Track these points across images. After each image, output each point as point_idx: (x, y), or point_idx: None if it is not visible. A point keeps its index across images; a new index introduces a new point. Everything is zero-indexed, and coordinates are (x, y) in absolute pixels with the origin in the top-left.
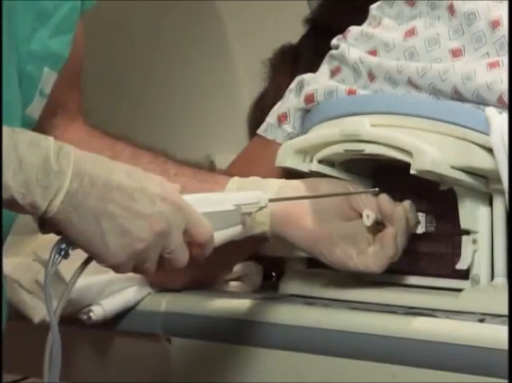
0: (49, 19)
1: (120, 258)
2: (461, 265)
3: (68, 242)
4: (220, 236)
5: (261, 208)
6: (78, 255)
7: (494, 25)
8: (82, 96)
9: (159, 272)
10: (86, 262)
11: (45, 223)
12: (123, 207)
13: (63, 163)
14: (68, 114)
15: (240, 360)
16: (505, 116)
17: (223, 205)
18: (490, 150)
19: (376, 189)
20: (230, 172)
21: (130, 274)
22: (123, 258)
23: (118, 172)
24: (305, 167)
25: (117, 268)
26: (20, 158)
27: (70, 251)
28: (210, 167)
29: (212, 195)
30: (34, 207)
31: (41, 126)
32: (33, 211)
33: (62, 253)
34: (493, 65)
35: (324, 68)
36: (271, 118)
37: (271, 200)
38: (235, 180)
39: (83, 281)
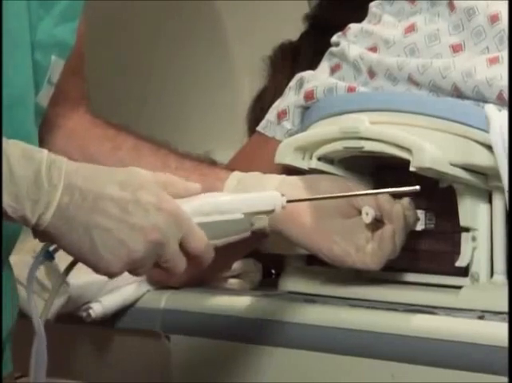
0: (53, 7)
1: (114, 268)
2: (460, 262)
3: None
4: (224, 242)
5: (271, 212)
6: None
7: (493, 19)
8: (86, 86)
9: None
10: (70, 267)
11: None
12: (117, 219)
13: (54, 177)
14: (71, 102)
15: (239, 357)
16: (504, 113)
17: (232, 213)
18: (489, 147)
19: (417, 187)
20: (230, 168)
21: None
22: (116, 268)
23: (111, 184)
24: (304, 164)
25: (110, 276)
26: (11, 170)
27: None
28: (212, 162)
29: (222, 201)
30: (25, 219)
31: (45, 114)
32: (24, 224)
33: (48, 255)
34: (493, 61)
35: (324, 65)
36: (271, 115)
37: (289, 201)
38: (236, 175)
39: (82, 278)
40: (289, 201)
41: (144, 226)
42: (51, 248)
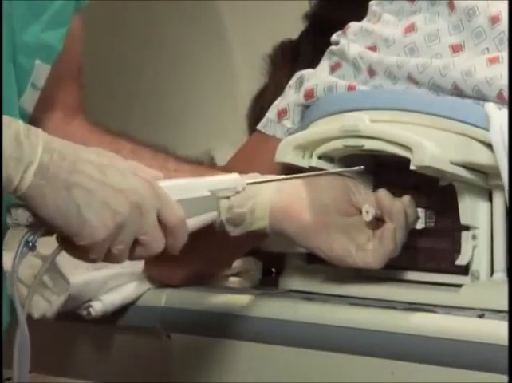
0: (43, 12)
1: (97, 235)
2: (461, 260)
3: (37, 229)
4: (195, 222)
5: (237, 192)
6: None
7: (494, 20)
8: (82, 93)
9: (159, 267)
10: (57, 251)
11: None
12: (97, 180)
13: (33, 139)
14: (68, 110)
15: (240, 355)
16: (504, 111)
17: (198, 191)
18: (489, 146)
19: (362, 167)
20: (229, 168)
21: (130, 270)
22: (100, 233)
23: (87, 151)
24: (304, 162)
25: (92, 249)
26: None
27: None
28: (210, 164)
29: (187, 182)
30: (9, 180)
31: (40, 121)
32: (7, 185)
33: (29, 245)
34: (493, 61)
35: (324, 63)
36: (271, 114)
37: (249, 184)
38: None
39: (83, 277)
40: (248, 183)
41: (124, 188)
42: (30, 238)
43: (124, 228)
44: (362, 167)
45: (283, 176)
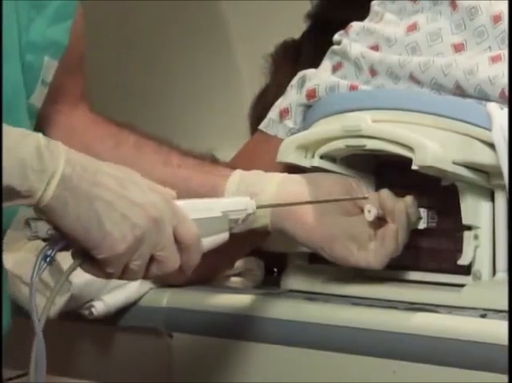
0: (45, 8)
1: (117, 247)
2: (463, 260)
3: (55, 243)
4: (207, 242)
5: (248, 215)
6: None
7: (496, 19)
8: (86, 82)
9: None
10: (73, 266)
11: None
12: (116, 193)
13: (54, 150)
14: (71, 100)
15: (241, 355)
16: (506, 111)
17: (210, 212)
18: (491, 145)
19: (367, 195)
20: (232, 167)
21: None
22: (120, 246)
23: (105, 165)
24: (306, 162)
25: (110, 262)
26: (12, 148)
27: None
28: (214, 160)
29: (199, 202)
30: (31, 192)
31: (44, 112)
32: (28, 195)
33: (48, 259)
34: (495, 59)
35: (326, 63)
36: (273, 113)
37: (258, 207)
38: (238, 173)
39: (84, 276)
40: (258, 207)
41: (143, 202)
42: (49, 252)
43: (142, 242)
44: (367, 195)
45: (296, 201)
